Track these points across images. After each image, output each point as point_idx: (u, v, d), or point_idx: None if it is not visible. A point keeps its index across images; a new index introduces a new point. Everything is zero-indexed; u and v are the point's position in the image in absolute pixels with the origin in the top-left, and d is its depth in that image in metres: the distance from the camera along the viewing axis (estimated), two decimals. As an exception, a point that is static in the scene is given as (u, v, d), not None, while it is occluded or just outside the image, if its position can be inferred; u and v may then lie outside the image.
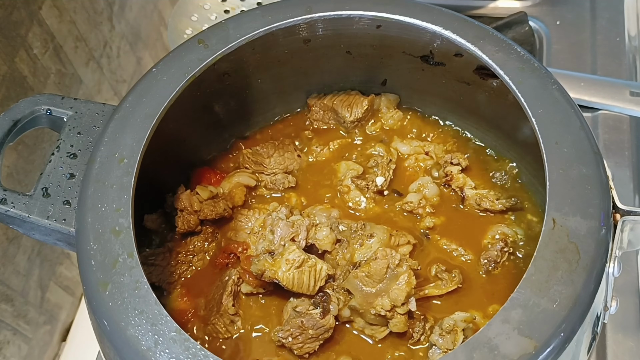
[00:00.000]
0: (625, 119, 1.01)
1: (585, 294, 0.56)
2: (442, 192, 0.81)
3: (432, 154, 0.84)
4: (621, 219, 0.62)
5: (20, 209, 0.67)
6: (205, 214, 0.77)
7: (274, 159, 0.83)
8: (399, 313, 0.68)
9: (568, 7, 1.16)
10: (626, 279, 0.88)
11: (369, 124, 0.87)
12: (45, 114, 0.72)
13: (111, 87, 1.10)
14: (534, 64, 0.69)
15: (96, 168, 0.65)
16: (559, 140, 0.63)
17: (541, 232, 0.58)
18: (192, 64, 0.71)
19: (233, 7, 1.01)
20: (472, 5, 1.18)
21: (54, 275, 0.98)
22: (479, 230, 0.77)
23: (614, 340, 0.84)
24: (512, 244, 0.75)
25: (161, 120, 0.68)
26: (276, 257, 0.70)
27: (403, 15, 0.73)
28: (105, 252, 0.60)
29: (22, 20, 0.87)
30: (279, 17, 0.74)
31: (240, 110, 0.87)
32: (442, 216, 0.79)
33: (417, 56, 0.80)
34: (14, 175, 0.87)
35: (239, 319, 0.73)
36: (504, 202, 0.77)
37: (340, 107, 0.86)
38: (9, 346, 0.89)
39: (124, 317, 0.57)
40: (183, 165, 0.84)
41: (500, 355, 0.53)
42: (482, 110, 0.82)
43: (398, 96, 0.88)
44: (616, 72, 1.08)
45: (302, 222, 0.73)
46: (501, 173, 0.81)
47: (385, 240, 0.74)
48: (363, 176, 0.82)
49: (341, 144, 0.86)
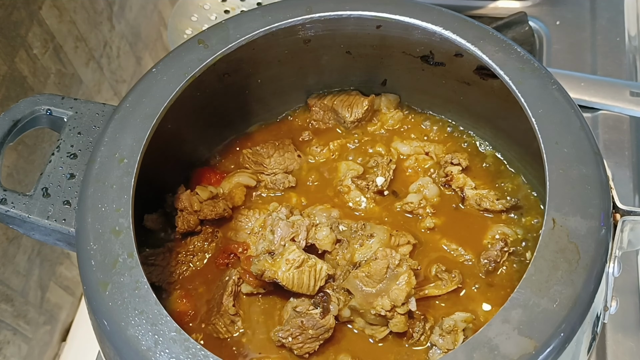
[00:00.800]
0: (625, 119, 1.01)
1: (585, 294, 0.56)
2: (442, 192, 0.81)
3: (432, 154, 0.84)
4: (621, 219, 0.62)
5: (21, 209, 0.66)
6: (205, 214, 0.77)
7: (274, 159, 0.83)
8: (399, 313, 0.68)
9: (568, 7, 1.16)
10: (626, 279, 0.88)
11: (369, 124, 0.87)
12: (46, 114, 0.72)
13: (111, 87, 1.10)
14: (534, 64, 0.69)
15: (96, 168, 0.65)
16: (559, 140, 0.63)
17: (541, 232, 0.58)
18: (192, 64, 0.71)
19: (233, 7, 1.01)
20: (472, 5, 1.18)
21: (54, 275, 0.98)
22: (479, 230, 0.77)
23: (614, 340, 0.84)
24: (512, 244, 0.75)
25: (161, 120, 0.68)
26: (276, 257, 0.70)
27: (403, 15, 0.73)
28: (105, 252, 0.60)
29: (22, 20, 0.87)
30: (279, 17, 0.74)
31: (240, 110, 0.87)
32: (442, 216, 0.79)
33: (417, 56, 0.80)
34: (14, 176, 0.87)
35: (239, 319, 0.73)
36: (504, 202, 0.77)
37: (340, 107, 0.86)
38: (9, 346, 0.89)
39: (124, 317, 0.57)
40: (183, 165, 0.84)
41: (500, 355, 0.53)
42: (482, 110, 0.82)
43: (398, 96, 0.88)
44: (616, 72, 1.08)
45: (302, 222, 0.73)
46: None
47: (386, 241, 0.74)
48: (363, 176, 0.82)
49: (341, 144, 0.86)
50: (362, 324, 0.71)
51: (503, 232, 0.76)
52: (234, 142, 0.87)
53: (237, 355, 0.71)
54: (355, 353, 0.70)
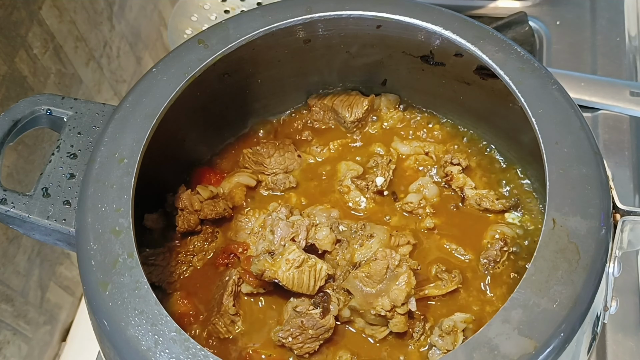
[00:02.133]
0: (625, 119, 1.01)
1: (585, 294, 0.56)
2: (442, 192, 0.81)
3: (432, 155, 0.84)
4: (621, 219, 0.62)
5: (21, 209, 0.66)
6: (206, 214, 0.77)
7: (274, 159, 0.83)
8: (399, 313, 0.68)
9: (568, 7, 1.16)
10: (626, 279, 0.88)
11: (369, 124, 0.87)
12: (46, 114, 0.72)
13: (111, 87, 1.10)
14: (534, 64, 0.69)
15: (96, 168, 0.65)
16: (559, 140, 0.63)
17: (541, 231, 0.58)
18: (192, 64, 0.71)
19: (233, 7, 1.01)
20: (472, 5, 1.18)
21: (54, 275, 0.98)
22: (479, 230, 0.77)
23: (614, 340, 0.84)
24: (512, 244, 0.75)
25: (161, 120, 0.68)
26: (276, 257, 0.70)
27: (403, 15, 0.73)
28: (105, 252, 0.60)
29: (22, 20, 0.87)
30: (279, 17, 0.74)
31: (240, 110, 0.87)
32: (442, 216, 0.79)
33: (417, 56, 0.80)
34: (14, 176, 0.87)
35: (239, 319, 0.73)
36: (504, 202, 0.77)
37: (340, 107, 0.86)
38: (9, 346, 0.89)
39: (124, 317, 0.57)
40: (183, 165, 0.84)
41: (500, 356, 0.53)
42: (482, 110, 0.82)
43: (398, 96, 0.88)
44: (616, 72, 1.08)
45: (302, 222, 0.73)
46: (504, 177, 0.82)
47: (385, 241, 0.74)
48: (363, 176, 0.82)
49: (341, 144, 0.86)
50: (362, 324, 0.71)
51: (503, 232, 0.76)
52: (234, 142, 0.87)
53: (237, 355, 0.71)
54: (355, 353, 0.70)
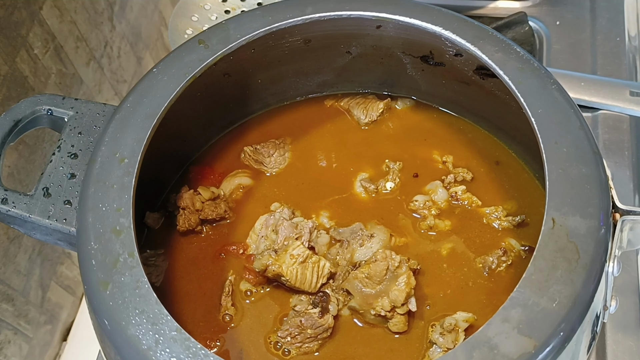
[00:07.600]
0: (625, 119, 1.01)
1: (585, 294, 0.56)
2: (450, 200, 0.80)
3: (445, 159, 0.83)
4: (621, 218, 0.62)
5: (21, 209, 0.67)
6: (207, 214, 0.78)
7: (274, 159, 0.83)
8: (398, 313, 0.68)
9: (568, 7, 1.16)
10: (626, 278, 0.88)
11: (382, 127, 0.87)
12: (46, 114, 0.72)
13: (112, 87, 1.10)
14: (533, 64, 0.69)
15: (97, 168, 0.65)
16: (558, 140, 0.63)
17: (541, 231, 0.58)
18: (192, 64, 0.71)
19: (234, 7, 1.01)
20: (472, 5, 1.18)
21: (55, 275, 0.98)
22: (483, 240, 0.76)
23: (614, 340, 0.84)
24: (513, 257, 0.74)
25: (162, 120, 0.68)
26: (280, 252, 0.70)
27: (403, 15, 0.73)
28: (106, 251, 0.60)
29: (22, 20, 0.87)
30: (279, 17, 0.74)
31: (241, 110, 0.87)
32: (446, 219, 0.78)
33: (417, 56, 0.80)
34: (15, 175, 0.87)
35: (238, 318, 0.73)
36: (511, 220, 0.76)
37: (356, 109, 0.86)
38: (10, 346, 0.89)
39: (124, 317, 0.57)
40: (184, 165, 0.84)
41: (499, 355, 0.53)
42: (482, 110, 0.82)
43: (414, 100, 0.87)
44: (616, 72, 1.07)
45: (306, 224, 0.73)
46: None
47: (386, 241, 0.74)
48: (373, 180, 0.82)
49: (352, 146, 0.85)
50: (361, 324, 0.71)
51: (509, 244, 0.75)
52: (234, 142, 0.87)
53: (237, 355, 0.71)
54: (355, 352, 0.70)
